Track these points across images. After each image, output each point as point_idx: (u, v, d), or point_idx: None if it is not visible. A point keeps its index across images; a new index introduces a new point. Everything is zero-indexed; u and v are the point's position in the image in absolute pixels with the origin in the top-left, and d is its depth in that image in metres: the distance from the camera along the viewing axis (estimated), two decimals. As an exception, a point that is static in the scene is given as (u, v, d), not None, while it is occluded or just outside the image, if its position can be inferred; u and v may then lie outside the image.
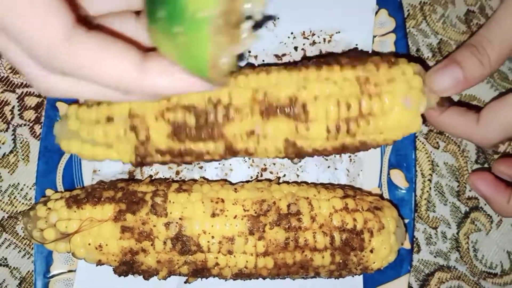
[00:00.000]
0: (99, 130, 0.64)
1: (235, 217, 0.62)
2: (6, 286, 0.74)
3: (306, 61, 0.66)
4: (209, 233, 0.61)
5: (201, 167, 0.74)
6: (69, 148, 0.67)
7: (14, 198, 0.75)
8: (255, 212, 0.62)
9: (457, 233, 0.77)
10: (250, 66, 0.72)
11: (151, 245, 0.61)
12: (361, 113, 0.61)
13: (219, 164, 0.74)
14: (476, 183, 0.64)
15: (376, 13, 0.76)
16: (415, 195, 0.73)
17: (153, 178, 0.73)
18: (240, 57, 0.75)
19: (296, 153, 0.65)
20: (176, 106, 0.62)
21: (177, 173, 0.73)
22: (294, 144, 0.64)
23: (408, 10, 0.81)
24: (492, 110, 0.60)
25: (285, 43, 0.77)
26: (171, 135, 0.62)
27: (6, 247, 0.74)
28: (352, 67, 0.62)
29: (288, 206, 0.63)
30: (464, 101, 0.79)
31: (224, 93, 0.62)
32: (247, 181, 0.72)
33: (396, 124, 0.62)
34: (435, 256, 0.77)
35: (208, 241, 0.61)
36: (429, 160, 0.78)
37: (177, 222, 0.61)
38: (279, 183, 0.68)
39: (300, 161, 0.73)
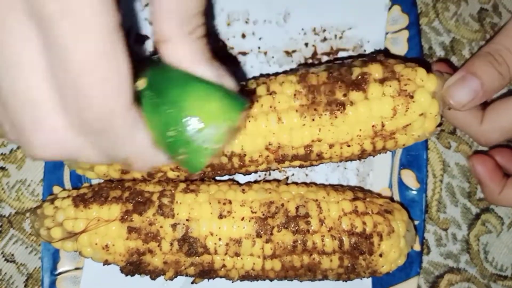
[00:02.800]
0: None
1: (242, 219, 0.61)
2: (13, 282, 0.74)
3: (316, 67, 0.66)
4: (216, 235, 0.61)
5: (208, 165, 0.73)
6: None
7: (22, 194, 0.75)
8: (263, 214, 0.61)
9: (468, 235, 0.76)
10: (254, 78, 0.70)
11: (158, 246, 0.61)
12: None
13: (227, 162, 0.73)
14: (475, 165, 0.63)
15: (389, 9, 0.74)
16: (426, 196, 0.72)
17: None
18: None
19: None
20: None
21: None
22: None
23: (420, 8, 0.79)
24: (495, 112, 0.60)
25: (295, 39, 0.75)
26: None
27: (14, 243, 0.74)
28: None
29: (297, 208, 0.62)
30: None
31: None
32: (255, 181, 0.72)
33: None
34: (445, 258, 0.76)
35: (215, 243, 0.61)
36: (440, 161, 0.77)
37: (184, 223, 0.61)
38: (287, 184, 0.68)
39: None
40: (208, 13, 0.72)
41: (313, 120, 0.60)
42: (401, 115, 0.59)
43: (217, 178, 0.72)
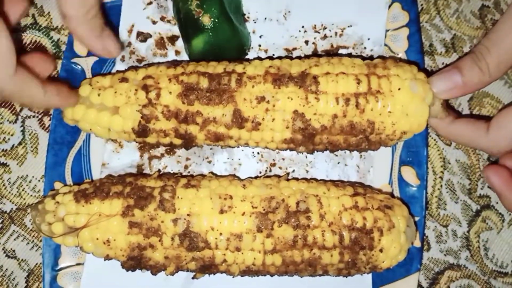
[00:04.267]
0: (110, 90, 0.65)
1: (243, 214, 0.61)
2: (14, 278, 0.74)
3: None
4: (217, 230, 0.61)
5: (209, 162, 0.73)
6: (73, 115, 0.66)
7: (23, 190, 0.75)
8: (264, 209, 0.62)
9: (468, 232, 0.76)
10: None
11: (159, 241, 0.61)
12: (370, 89, 0.63)
13: (228, 159, 0.73)
14: (490, 176, 0.64)
15: (389, 6, 0.74)
16: (426, 193, 0.72)
17: (161, 172, 0.73)
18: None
19: (303, 130, 0.64)
20: (192, 72, 0.66)
21: (186, 167, 0.73)
22: (303, 116, 0.63)
23: (421, 5, 0.79)
24: (503, 118, 0.62)
25: (295, 37, 0.76)
26: (181, 95, 0.64)
27: (15, 239, 0.75)
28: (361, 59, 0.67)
29: (297, 203, 0.62)
30: (473, 114, 0.78)
31: (239, 66, 0.66)
32: (256, 177, 0.72)
33: (404, 107, 0.63)
34: (445, 255, 0.76)
35: (216, 238, 0.61)
36: (441, 157, 0.77)
37: (185, 218, 0.61)
38: (288, 180, 0.68)
39: (304, 152, 0.70)
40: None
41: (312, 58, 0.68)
42: (390, 63, 0.65)
43: (218, 174, 0.72)
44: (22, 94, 0.57)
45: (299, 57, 0.74)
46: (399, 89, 0.62)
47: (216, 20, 0.68)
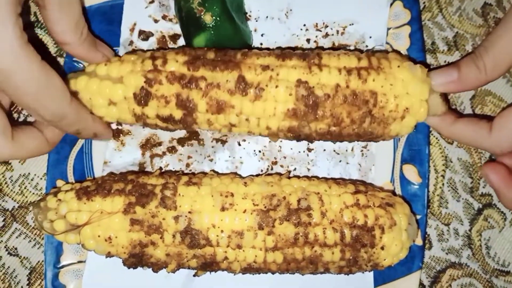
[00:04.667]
0: (117, 62, 0.67)
1: (244, 211, 0.61)
2: (16, 276, 0.75)
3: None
4: (218, 227, 0.61)
5: (211, 160, 0.73)
6: (76, 85, 0.67)
7: (25, 188, 0.75)
8: (265, 207, 0.62)
9: (470, 230, 0.76)
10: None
11: (160, 238, 0.61)
12: (370, 65, 0.65)
13: (229, 157, 0.73)
14: (488, 174, 0.64)
15: (391, 4, 0.74)
16: (428, 191, 0.72)
17: (163, 170, 0.73)
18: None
19: (307, 98, 0.64)
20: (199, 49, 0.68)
21: (187, 165, 0.73)
22: (306, 84, 0.64)
23: (423, 3, 0.79)
24: (506, 118, 0.63)
25: (297, 36, 0.76)
26: (187, 62, 0.65)
27: (17, 237, 0.75)
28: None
29: (298, 201, 0.62)
30: (476, 112, 0.78)
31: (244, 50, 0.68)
32: (257, 175, 0.72)
33: (405, 83, 0.64)
34: (447, 253, 0.76)
35: (217, 235, 0.61)
36: (442, 156, 0.77)
37: (186, 216, 0.61)
38: (289, 177, 0.68)
39: (307, 136, 0.70)
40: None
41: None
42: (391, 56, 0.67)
43: (220, 172, 0.72)
44: (79, 119, 0.64)
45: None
46: (398, 66, 0.65)
47: (218, 19, 0.68)
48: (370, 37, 0.75)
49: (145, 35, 0.75)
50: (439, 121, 0.67)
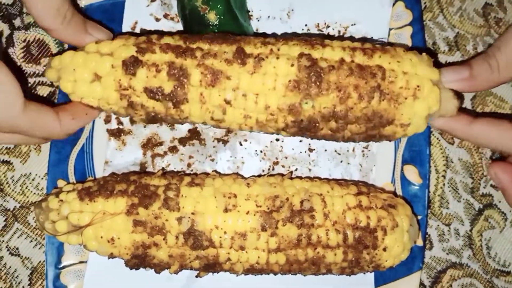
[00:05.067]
0: (109, 41, 0.65)
1: (247, 212, 0.61)
2: (17, 276, 0.74)
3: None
4: (221, 229, 0.61)
5: (212, 160, 0.73)
6: (60, 61, 0.64)
7: (26, 188, 0.75)
8: (268, 208, 0.62)
9: (470, 230, 0.76)
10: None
11: (163, 239, 0.61)
12: (375, 47, 0.64)
13: (231, 157, 0.73)
14: (497, 173, 0.63)
15: (393, 5, 0.74)
16: (429, 192, 0.72)
17: (165, 171, 0.73)
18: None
19: (310, 68, 0.60)
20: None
21: (189, 165, 0.73)
22: (309, 57, 0.61)
23: (424, 3, 0.79)
24: None
25: (298, 36, 0.75)
26: (183, 37, 0.64)
27: (18, 237, 0.75)
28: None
29: (301, 202, 0.62)
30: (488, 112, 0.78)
31: None
32: (259, 175, 0.72)
33: (413, 63, 0.62)
34: (447, 253, 0.76)
35: (220, 237, 0.61)
36: (443, 156, 0.77)
37: (189, 217, 0.61)
38: (291, 178, 0.68)
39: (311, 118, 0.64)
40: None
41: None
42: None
43: (221, 172, 0.72)
44: (39, 128, 0.61)
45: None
46: (404, 51, 0.63)
47: (222, 17, 0.68)
48: (372, 37, 0.75)
49: (146, 33, 0.75)
50: (453, 121, 0.64)
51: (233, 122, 0.65)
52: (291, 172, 0.73)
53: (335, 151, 0.73)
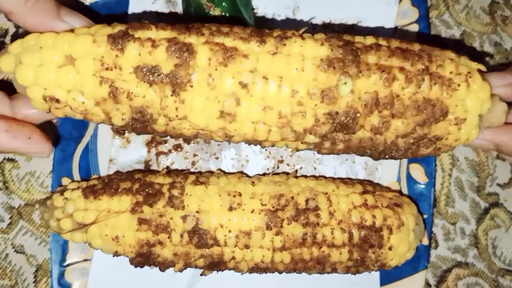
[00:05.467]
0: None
1: (252, 211, 0.61)
2: (22, 273, 0.75)
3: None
4: (226, 227, 0.61)
5: (217, 158, 0.73)
6: (23, 44, 0.53)
7: (31, 185, 0.75)
8: (273, 207, 0.62)
9: (476, 229, 0.76)
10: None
11: (168, 237, 0.61)
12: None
13: (235, 155, 0.73)
14: None
15: (399, 2, 0.74)
16: (435, 190, 0.72)
17: (169, 169, 0.72)
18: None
19: (344, 47, 0.52)
20: None
21: (193, 163, 0.73)
22: (341, 37, 0.53)
23: (430, 0, 0.79)
24: None
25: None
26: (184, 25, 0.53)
27: (23, 235, 0.75)
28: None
29: (307, 201, 0.62)
30: None
31: None
32: (264, 174, 0.72)
33: (456, 57, 0.55)
34: (453, 252, 0.76)
35: (225, 235, 0.61)
36: (449, 155, 0.76)
37: (194, 215, 0.61)
38: (296, 177, 0.68)
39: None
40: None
41: None
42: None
43: (226, 170, 0.72)
44: None
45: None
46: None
47: (227, 15, 0.67)
48: (378, 35, 0.74)
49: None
50: (504, 133, 0.57)
51: (247, 120, 0.53)
52: (296, 171, 0.72)
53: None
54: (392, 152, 0.57)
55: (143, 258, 0.63)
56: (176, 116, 0.52)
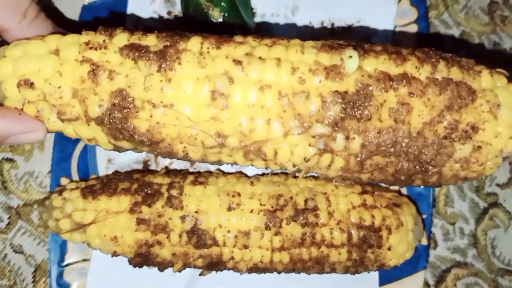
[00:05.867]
0: None
1: (251, 211, 0.61)
2: (21, 273, 0.74)
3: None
4: (225, 227, 0.61)
5: (216, 158, 0.73)
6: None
7: (30, 185, 0.75)
8: (272, 207, 0.61)
9: (475, 229, 0.76)
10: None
11: (167, 237, 0.61)
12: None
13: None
14: None
15: (398, 2, 0.74)
16: (434, 190, 0.72)
17: (168, 169, 0.72)
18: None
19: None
20: None
21: (192, 163, 0.73)
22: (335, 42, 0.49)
23: (430, 0, 0.78)
24: None
25: (303, 33, 0.75)
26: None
27: (22, 235, 0.75)
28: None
29: (305, 201, 0.62)
30: None
31: None
32: (263, 174, 0.72)
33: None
34: (452, 252, 0.76)
35: (224, 235, 0.61)
36: (448, 155, 0.76)
37: (193, 216, 0.61)
38: (295, 177, 0.68)
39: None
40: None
41: None
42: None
43: (225, 170, 0.72)
44: None
45: None
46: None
47: (226, 14, 0.67)
48: (377, 35, 0.74)
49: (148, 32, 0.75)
50: None
51: (242, 103, 0.47)
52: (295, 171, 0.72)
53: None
54: (422, 153, 0.48)
55: (142, 258, 0.63)
56: (161, 102, 0.47)
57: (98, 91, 0.48)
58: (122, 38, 0.49)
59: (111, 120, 0.48)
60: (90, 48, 0.48)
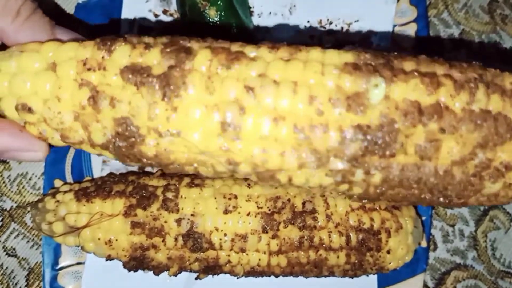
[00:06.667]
0: None
1: (248, 214, 0.60)
2: (14, 277, 0.73)
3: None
4: (222, 230, 0.60)
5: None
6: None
7: (23, 187, 0.74)
8: (269, 210, 0.61)
9: (475, 231, 0.75)
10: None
11: (162, 241, 0.60)
12: None
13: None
14: None
15: (397, 1, 0.73)
16: (433, 192, 0.71)
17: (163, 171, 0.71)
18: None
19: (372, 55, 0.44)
20: None
21: (189, 164, 0.72)
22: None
23: (429, -1, 0.78)
24: None
25: (301, 32, 0.74)
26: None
27: (15, 237, 0.74)
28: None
29: (303, 203, 0.61)
30: None
31: None
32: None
33: None
34: (451, 255, 0.75)
35: (220, 239, 0.60)
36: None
37: (188, 219, 0.60)
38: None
39: None
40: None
41: None
42: None
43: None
44: None
45: None
46: None
47: (223, 14, 0.66)
48: (376, 34, 0.73)
49: (144, 31, 0.74)
50: None
51: (254, 134, 0.43)
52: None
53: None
54: (448, 189, 0.44)
55: (137, 262, 0.62)
56: (168, 131, 0.44)
57: (100, 119, 0.45)
58: (122, 53, 0.45)
59: (116, 147, 0.45)
60: (88, 69, 0.44)
